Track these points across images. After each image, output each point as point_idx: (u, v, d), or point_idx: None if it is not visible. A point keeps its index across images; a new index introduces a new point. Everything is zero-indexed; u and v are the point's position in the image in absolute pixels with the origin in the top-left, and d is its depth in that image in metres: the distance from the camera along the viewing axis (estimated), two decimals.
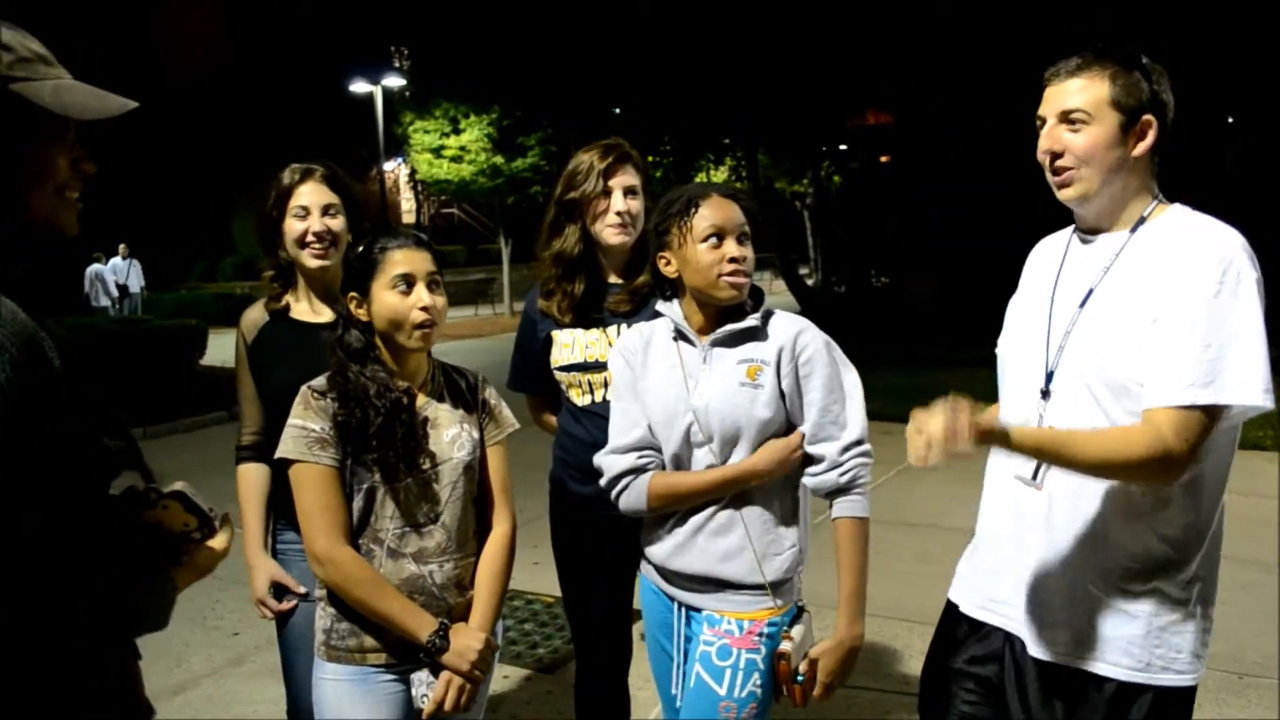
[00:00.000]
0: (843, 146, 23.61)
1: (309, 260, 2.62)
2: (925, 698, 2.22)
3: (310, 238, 2.60)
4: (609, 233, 2.69)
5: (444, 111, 23.62)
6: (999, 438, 1.73)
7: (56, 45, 1.43)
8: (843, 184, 23.52)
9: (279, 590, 2.62)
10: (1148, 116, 1.87)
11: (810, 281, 21.59)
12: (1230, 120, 16.71)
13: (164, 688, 4.14)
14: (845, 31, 16.03)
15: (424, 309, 2.16)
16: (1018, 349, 2.06)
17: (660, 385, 2.30)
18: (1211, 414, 1.75)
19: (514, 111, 23.23)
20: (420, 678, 2.18)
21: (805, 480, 2.23)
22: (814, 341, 2.22)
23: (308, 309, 2.70)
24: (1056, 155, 1.91)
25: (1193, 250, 1.80)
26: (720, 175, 26.32)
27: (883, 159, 21.29)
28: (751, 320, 2.24)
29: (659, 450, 2.32)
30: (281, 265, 2.68)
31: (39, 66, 1.38)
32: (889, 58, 15.83)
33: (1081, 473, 1.81)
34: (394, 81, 24.96)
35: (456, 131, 23.67)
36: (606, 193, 2.69)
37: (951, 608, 2.19)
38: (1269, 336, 1.78)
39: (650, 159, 21.62)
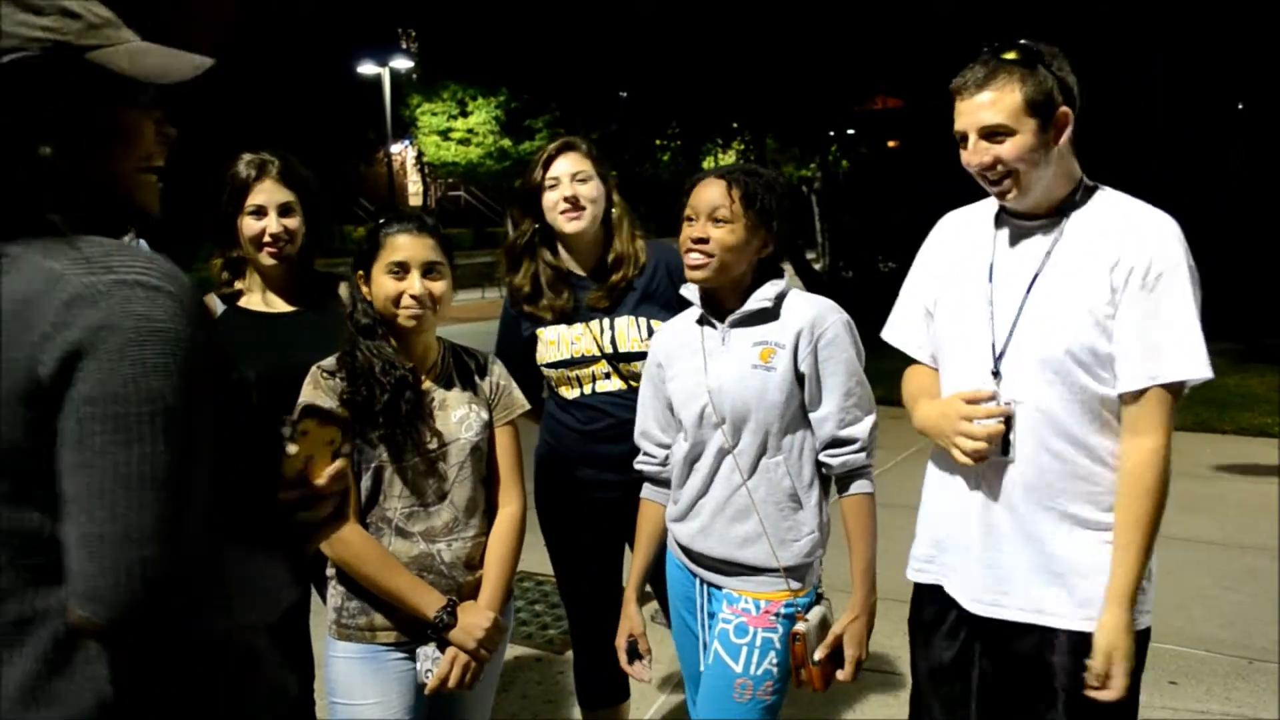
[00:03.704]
0: (850, 131, 23.51)
1: (266, 260, 2.54)
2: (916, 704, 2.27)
3: (267, 239, 2.52)
4: (561, 220, 2.71)
5: (452, 94, 23.62)
6: (1127, 616, 1.89)
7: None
8: (851, 169, 23.43)
9: None
10: (1063, 109, 1.93)
11: (818, 266, 21.53)
12: (1240, 107, 16.53)
13: None
14: (853, 16, 15.95)
15: (414, 296, 2.18)
16: (958, 335, 2.11)
17: (684, 370, 2.32)
18: (1173, 390, 1.89)
19: (522, 94, 23.20)
20: (426, 652, 2.19)
21: (830, 460, 2.23)
22: (835, 324, 2.22)
23: (259, 301, 2.62)
24: (989, 166, 1.96)
25: (1137, 245, 1.90)
26: (728, 159, 26.25)
27: (891, 144, 21.18)
28: (762, 302, 2.23)
29: (662, 447, 2.41)
30: (231, 259, 2.60)
31: (108, 31, 1.29)
32: (896, 43, 15.75)
33: (1156, 526, 1.90)
34: (402, 64, 24.95)
35: (464, 114, 23.67)
36: (554, 183, 2.71)
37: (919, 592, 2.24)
38: None
39: (658, 143, 21.57)
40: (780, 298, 2.26)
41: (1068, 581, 1.96)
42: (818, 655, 2.17)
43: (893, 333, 2.28)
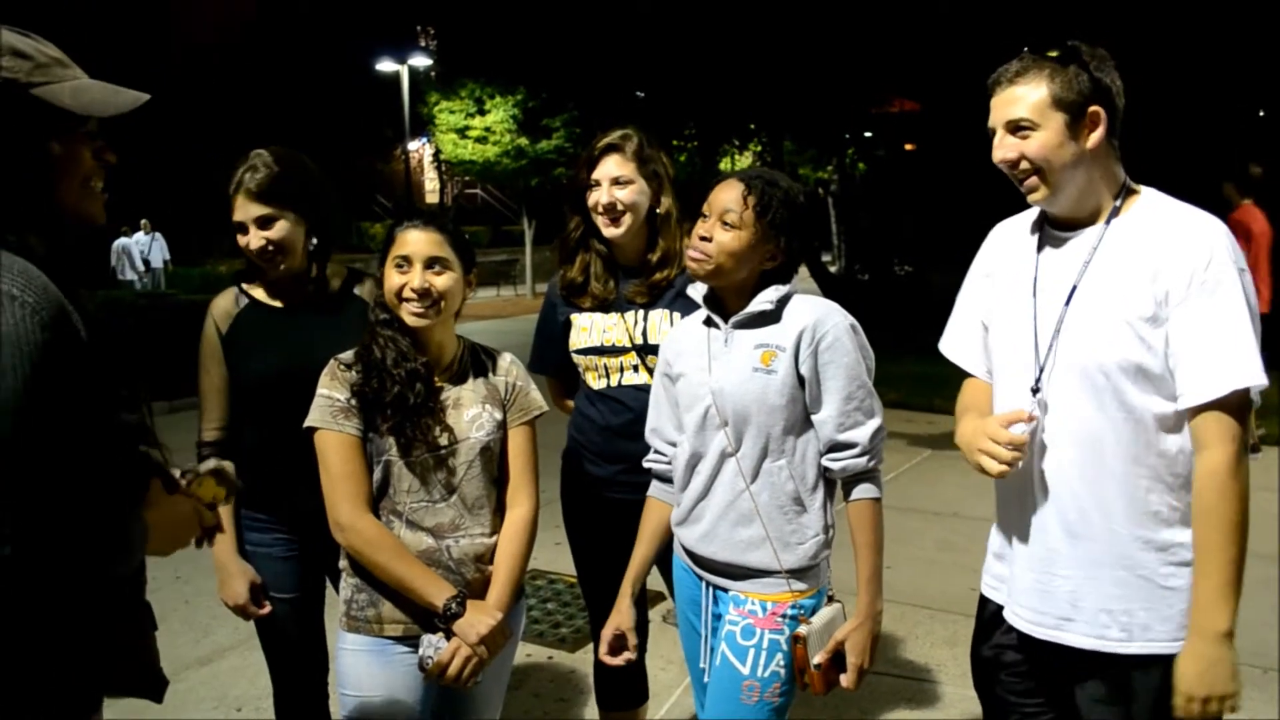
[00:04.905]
0: (868, 134, 23.46)
1: (267, 269, 2.57)
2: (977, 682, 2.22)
3: (253, 252, 2.52)
4: (600, 223, 2.73)
5: (469, 92, 23.62)
6: (1228, 638, 1.86)
7: (88, 30, 1.50)
8: (867, 171, 23.38)
9: (254, 593, 2.57)
10: (1094, 108, 1.87)
11: (833, 269, 21.51)
12: (1261, 114, 16.39)
13: (191, 659, 4.21)
14: (871, 19, 15.91)
15: (414, 289, 2.20)
16: (1005, 350, 2.06)
17: (689, 369, 2.32)
18: (1227, 405, 1.78)
19: (539, 93, 23.21)
20: (430, 639, 2.20)
21: (831, 465, 2.21)
22: (836, 327, 2.19)
23: (265, 296, 2.64)
24: (1014, 163, 1.92)
25: (1178, 256, 1.82)
26: (744, 161, 26.19)
27: (908, 147, 21.12)
28: (764, 304, 2.22)
29: (672, 445, 2.39)
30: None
31: (56, 70, 1.50)
32: (914, 46, 15.69)
33: (1240, 554, 1.87)
34: (420, 61, 25.02)
35: (482, 112, 23.67)
36: (595, 185, 2.72)
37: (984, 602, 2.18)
38: None
39: (674, 143, 21.57)
40: (783, 301, 2.24)
41: (1129, 606, 1.89)
42: (818, 659, 2.16)
43: (947, 346, 2.23)
